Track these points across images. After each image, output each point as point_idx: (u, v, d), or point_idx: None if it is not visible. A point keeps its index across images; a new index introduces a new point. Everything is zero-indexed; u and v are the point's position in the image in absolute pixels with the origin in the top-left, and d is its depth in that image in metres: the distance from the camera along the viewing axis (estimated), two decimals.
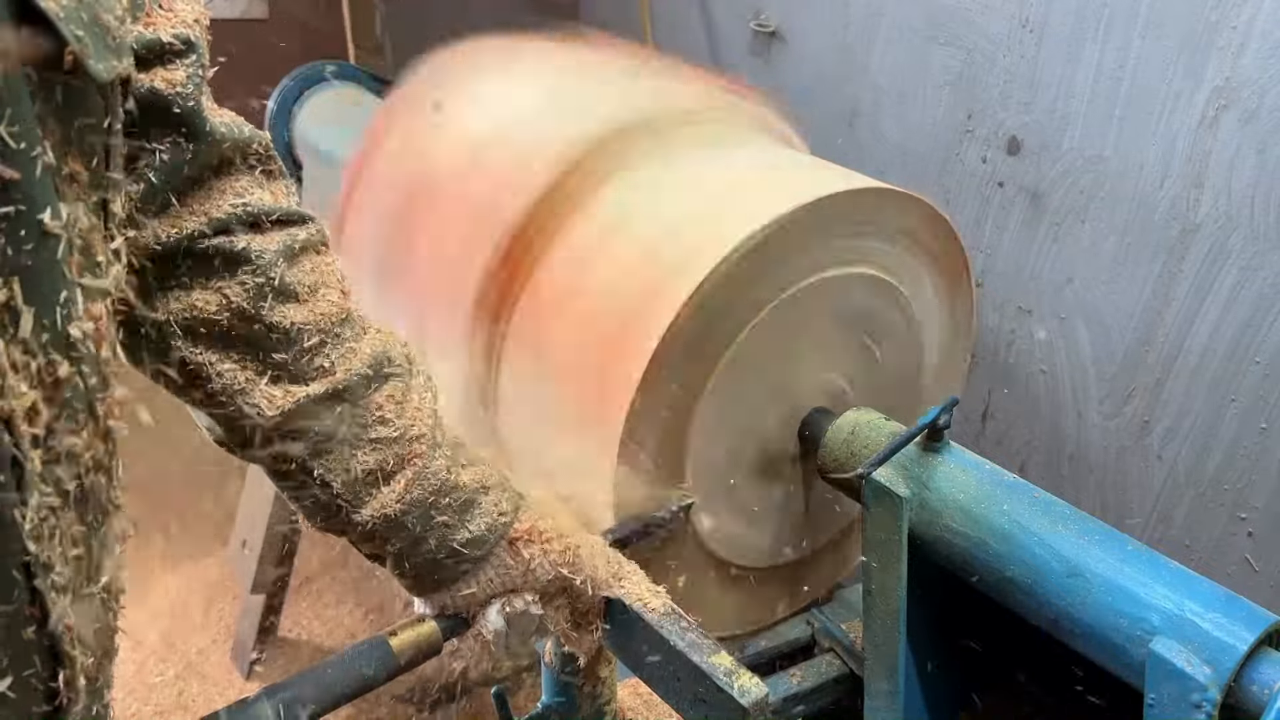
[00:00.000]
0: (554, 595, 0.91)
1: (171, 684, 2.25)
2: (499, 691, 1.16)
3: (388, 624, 0.87)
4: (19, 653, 0.51)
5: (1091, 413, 1.77)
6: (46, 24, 0.49)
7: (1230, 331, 1.54)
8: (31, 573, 0.51)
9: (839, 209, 1.19)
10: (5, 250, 0.48)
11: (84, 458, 0.55)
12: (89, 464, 0.56)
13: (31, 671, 0.52)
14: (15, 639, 0.51)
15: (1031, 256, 1.81)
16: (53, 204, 0.51)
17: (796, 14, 2.21)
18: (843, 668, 1.39)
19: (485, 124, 1.38)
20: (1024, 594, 1.03)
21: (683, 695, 0.89)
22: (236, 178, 0.76)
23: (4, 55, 0.47)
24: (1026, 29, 1.73)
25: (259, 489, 2.24)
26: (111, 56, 0.56)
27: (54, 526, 0.53)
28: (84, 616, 0.56)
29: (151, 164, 0.69)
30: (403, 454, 0.82)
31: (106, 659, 0.61)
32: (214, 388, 0.76)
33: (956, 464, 1.11)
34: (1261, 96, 1.44)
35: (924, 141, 1.97)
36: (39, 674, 0.53)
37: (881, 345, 1.33)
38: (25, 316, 0.49)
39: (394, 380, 0.83)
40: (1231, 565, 1.62)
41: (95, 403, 0.56)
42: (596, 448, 1.13)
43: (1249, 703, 0.88)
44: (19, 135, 0.48)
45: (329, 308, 0.80)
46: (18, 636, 0.51)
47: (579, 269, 1.23)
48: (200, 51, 0.71)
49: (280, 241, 0.77)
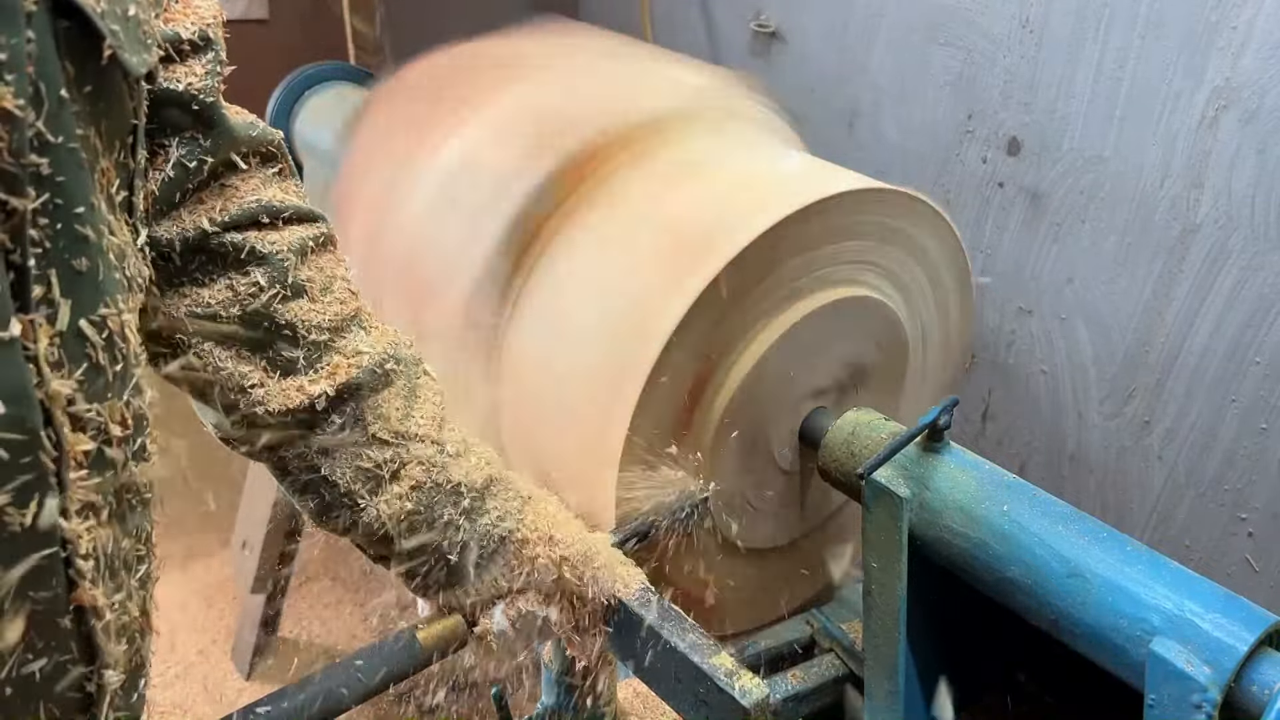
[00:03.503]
0: (557, 597, 0.91)
1: (171, 684, 2.25)
2: (499, 691, 1.16)
3: (388, 624, 0.87)
4: (55, 639, 0.52)
5: (1091, 413, 1.77)
6: (83, 18, 0.50)
7: (1230, 331, 1.54)
8: (69, 561, 0.52)
9: (839, 209, 1.19)
10: (44, 244, 0.48)
11: (120, 447, 0.56)
12: (124, 455, 0.56)
13: (68, 657, 0.53)
14: (51, 625, 0.52)
15: (1031, 256, 1.81)
16: (88, 198, 0.51)
17: (796, 14, 2.21)
18: (843, 668, 1.39)
19: (485, 126, 1.38)
20: (1024, 594, 1.03)
21: (683, 696, 0.89)
22: (250, 175, 0.76)
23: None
24: (1026, 29, 1.73)
25: (259, 489, 2.24)
26: (143, 50, 0.56)
27: (90, 516, 0.53)
28: (118, 605, 0.56)
29: (168, 160, 0.70)
30: (409, 453, 0.82)
31: (142, 644, 0.62)
32: (223, 385, 0.76)
33: (956, 464, 1.11)
34: (1261, 96, 1.44)
35: (924, 142, 1.97)
36: (75, 660, 0.53)
37: (882, 346, 1.33)
38: (63, 309, 0.50)
39: (401, 379, 0.83)
40: (1231, 565, 1.62)
41: (128, 394, 0.57)
42: (597, 447, 1.14)
43: (1249, 703, 0.88)
44: (56, 129, 0.48)
45: (339, 306, 0.80)
46: (53, 624, 0.52)
47: (579, 270, 1.23)
48: (218, 48, 0.71)
49: (293, 239, 0.78)
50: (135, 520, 0.59)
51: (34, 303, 0.48)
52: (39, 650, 0.51)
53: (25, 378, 0.48)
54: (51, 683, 0.52)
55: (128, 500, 0.58)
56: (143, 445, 0.59)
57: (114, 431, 0.55)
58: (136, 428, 0.58)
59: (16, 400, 0.47)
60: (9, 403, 0.47)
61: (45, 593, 0.51)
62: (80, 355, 0.52)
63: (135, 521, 0.59)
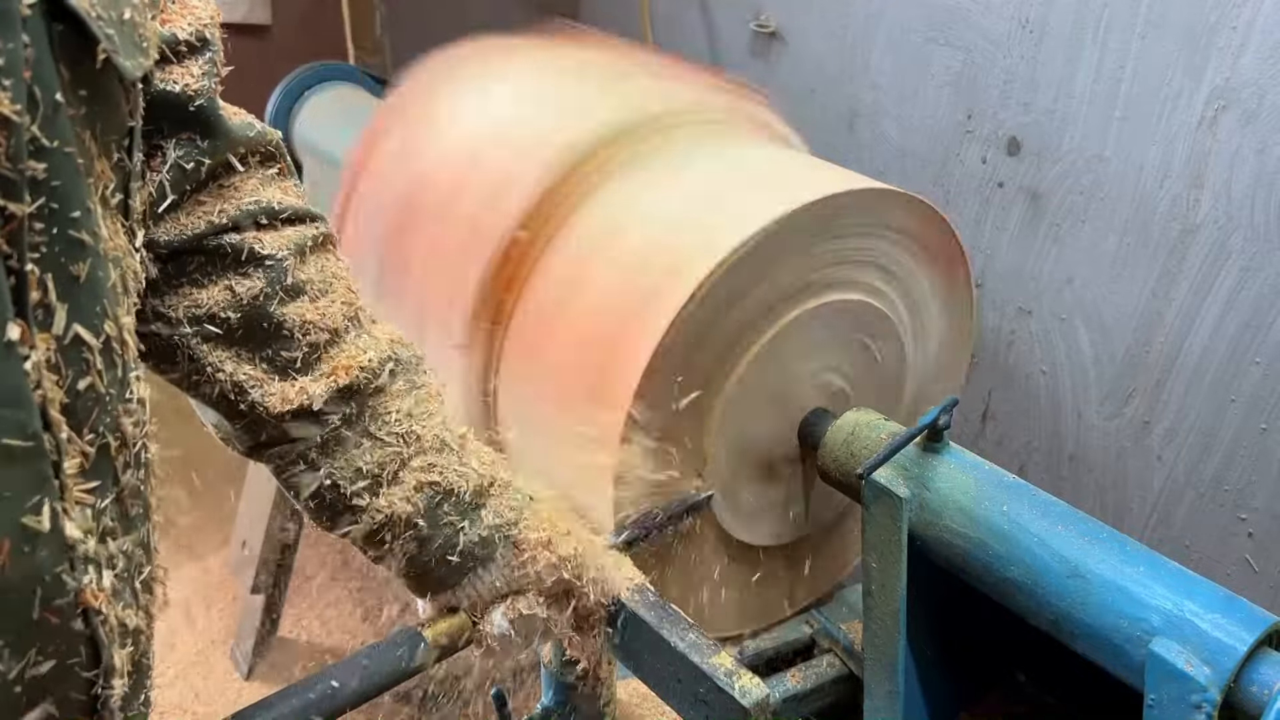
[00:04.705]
0: (557, 597, 0.91)
1: (171, 684, 2.25)
2: (499, 691, 1.16)
3: (388, 624, 0.87)
4: (60, 642, 0.52)
5: (1091, 413, 1.77)
6: (78, 22, 0.49)
7: (1230, 331, 1.54)
8: (71, 564, 0.52)
9: (839, 210, 1.19)
10: (40, 248, 0.48)
11: (119, 451, 0.56)
12: (126, 460, 0.56)
13: (74, 660, 0.53)
14: (56, 628, 0.52)
15: (1031, 256, 1.81)
16: (84, 202, 0.51)
17: (796, 15, 2.21)
18: (843, 668, 1.39)
19: (484, 125, 1.38)
20: (1024, 595, 1.03)
21: (684, 696, 0.89)
22: (249, 176, 0.76)
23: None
24: (1026, 29, 1.73)
25: (259, 489, 2.24)
26: (138, 54, 0.56)
27: (94, 520, 0.54)
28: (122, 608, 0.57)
29: (166, 161, 0.69)
30: (410, 453, 0.82)
31: (147, 647, 0.62)
32: (223, 385, 0.76)
33: (956, 464, 1.11)
34: (1261, 96, 1.44)
35: (924, 142, 1.97)
36: (80, 663, 0.53)
37: (881, 346, 1.33)
38: (59, 313, 0.50)
39: (401, 379, 0.83)
40: (1231, 565, 1.62)
41: (127, 397, 0.57)
42: (596, 447, 1.14)
43: (1249, 703, 0.88)
44: (51, 134, 0.48)
45: (338, 306, 0.80)
46: (58, 626, 0.52)
47: (579, 270, 1.23)
48: (215, 49, 0.71)
49: (292, 240, 0.77)
50: (136, 523, 0.59)
51: (31, 307, 0.48)
52: (45, 653, 0.51)
53: (24, 382, 0.48)
54: (57, 684, 0.52)
55: (128, 503, 0.58)
56: (143, 447, 0.59)
57: (113, 435, 0.55)
58: (136, 431, 0.58)
59: (16, 405, 0.47)
60: (9, 407, 0.47)
61: (55, 599, 0.51)
62: (78, 359, 0.52)
63: (136, 524, 0.59)
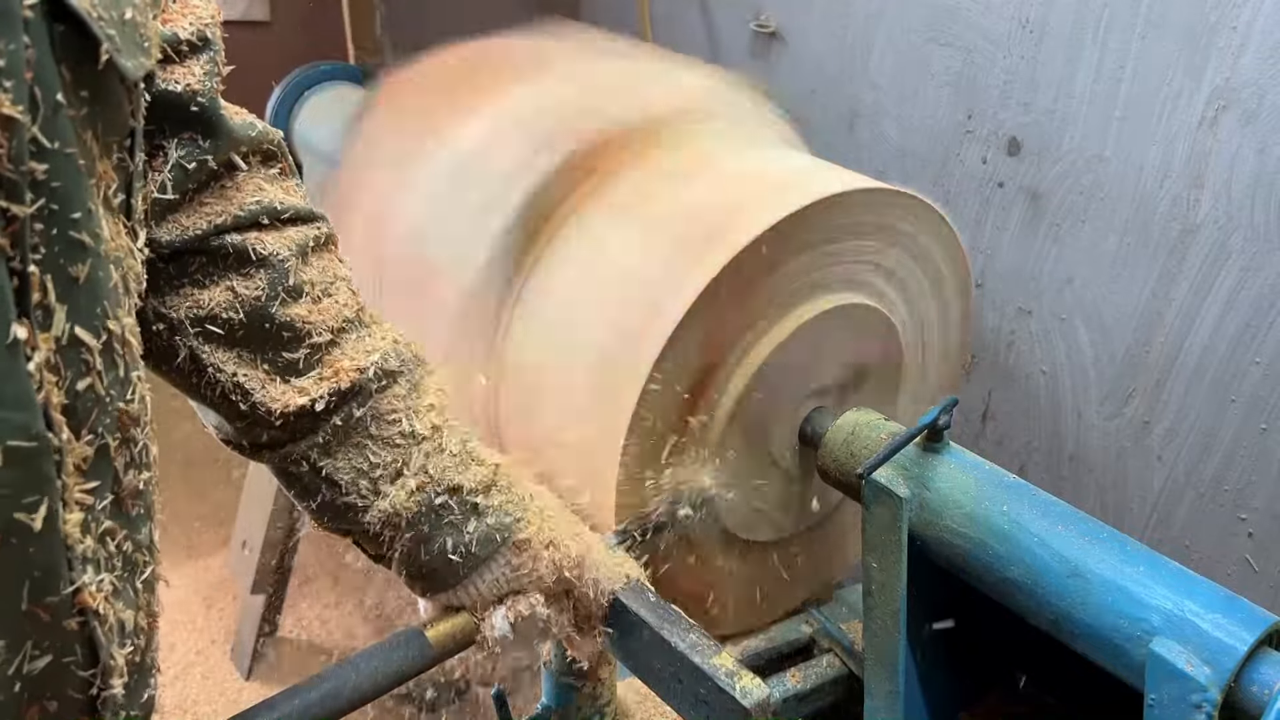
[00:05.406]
0: (558, 597, 0.91)
1: (171, 684, 2.25)
2: (499, 692, 1.16)
3: (388, 624, 0.87)
4: (58, 641, 0.52)
5: (1091, 413, 1.77)
6: (78, 23, 0.49)
7: (1230, 331, 1.54)
8: (71, 564, 0.52)
9: (839, 209, 1.19)
10: (40, 249, 0.48)
11: (119, 451, 0.56)
12: (127, 460, 0.56)
13: (71, 659, 0.53)
14: (54, 628, 0.52)
15: (1031, 256, 1.81)
16: (85, 203, 0.51)
17: (796, 15, 2.21)
18: (842, 668, 1.39)
19: (485, 126, 1.39)
20: (1024, 594, 1.03)
21: (684, 696, 0.89)
22: (250, 176, 0.76)
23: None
24: (1026, 29, 1.73)
25: (259, 489, 2.24)
26: (140, 54, 0.56)
27: (94, 519, 0.54)
28: (122, 608, 0.57)
29: (168, 161, 0.69)
30: (412, 453, 0.82)
31: (148, 646, 0.62)
32: (224, 386, 0.76)
33: (956, 464, 1.11)
34: (1261, 96, 1.44)
35: (924, 142, 1.97)
36: (78, 662, 0.53)
37: (882, 346, 1.33)
38: (59, 314, 0.50)
39: (403, 379, 0.83)
40: (1231, 565, 1.62)
41: (128, 397, 0.56)
42: (603, 439, 1.14)
43: (1249, 703, 0.88)
44: (53, 134, 0.48)
45: (339, 307, 0.80)
46: (56, 626, 0.52)
47: (585, 258, 1.23)
48: (216, 49, 0.71)
49: (294, 240, 0.77)
50: (136, 523, 0.59)
51: (33, 308, 0.48)
52: (42, 649, 0.51)
53: (28, 383, 0.48)
54: (55, 682, 0.52)
55: (128, 503, 0.58)
56: (143, 448, 0.59)
57: (112, 436, 0.55)
58: (136, 431, 0.58)
59: (20, 406, 0.47)
60: (14, 410, 0.47)
61: (50, 597, 0.51)
62: (77, 360, 0.52)
63: (136, 524, 0.59)
